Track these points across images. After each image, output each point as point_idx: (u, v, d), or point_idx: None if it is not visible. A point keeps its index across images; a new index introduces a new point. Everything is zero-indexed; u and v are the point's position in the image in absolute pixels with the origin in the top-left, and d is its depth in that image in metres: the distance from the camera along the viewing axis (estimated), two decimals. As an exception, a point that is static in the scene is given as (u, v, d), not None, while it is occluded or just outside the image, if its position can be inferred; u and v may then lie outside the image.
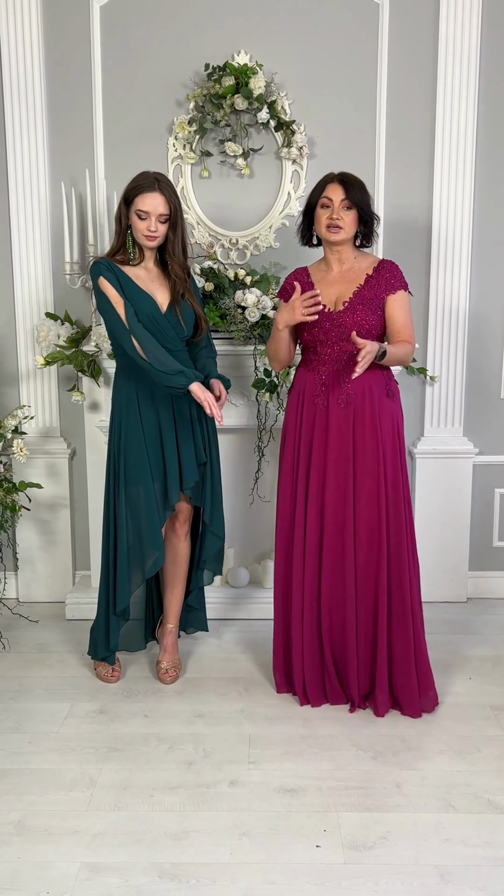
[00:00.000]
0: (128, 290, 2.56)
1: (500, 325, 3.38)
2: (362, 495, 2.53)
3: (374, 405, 2.52)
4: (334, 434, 2.53)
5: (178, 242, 2.60)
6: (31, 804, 2.18)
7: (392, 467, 2.54)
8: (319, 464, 2.56)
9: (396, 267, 2.57)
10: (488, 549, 3.52)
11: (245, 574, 3.36)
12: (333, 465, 2.54)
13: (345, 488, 2.54)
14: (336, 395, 2.53)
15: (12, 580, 3.49)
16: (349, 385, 2.52)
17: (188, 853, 1.99)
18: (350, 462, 2.53)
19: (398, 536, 2.55)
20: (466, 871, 1.93)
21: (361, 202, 2.49)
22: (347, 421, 2.52)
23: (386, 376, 2.58)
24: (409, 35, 3.15)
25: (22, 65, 3.16)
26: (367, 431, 2.52)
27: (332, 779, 2.28)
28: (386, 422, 2.54)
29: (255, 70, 3.08)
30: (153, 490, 2.62)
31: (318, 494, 2.57)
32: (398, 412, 2.60)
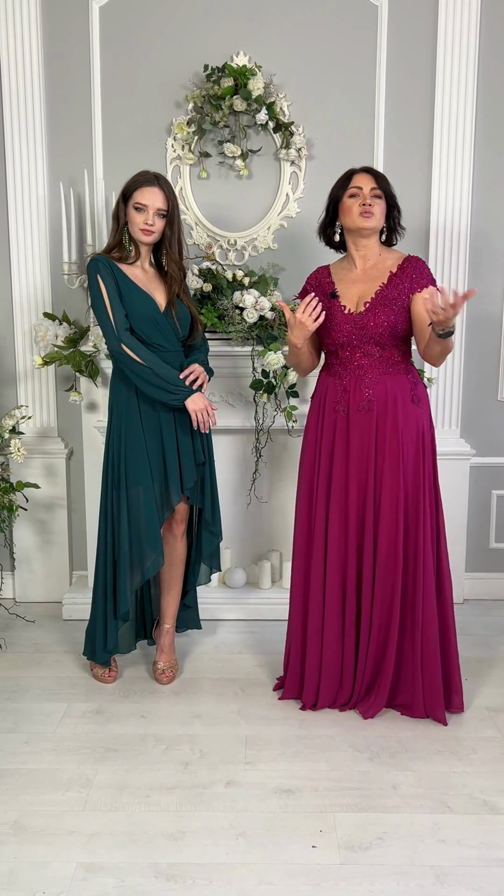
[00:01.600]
0: (126, 289, 2.56)
1: (497, 326, 3.38)
2: (383, 504, 2.46)
3: (398, 412, 2.44)
4: (355, 441, 2.47)
5: (174, 240, 2.60)
6: (28, 804, 2.17)
7: (414, 476, 2.46)
8: (341, 472, 2.50)
9: (423, 263, 2.48)
10: (485, 550, 3.53)
11: (242, 575, 3.36)
12: (355, 473, 2.48)
13: (365, 497, 2.48)
14: (357, 401, 2.46)
15: (9, 580, 3.49)
16: (370, 391, 2.45)
17: (185, 853, 1.99)
18: (372, 470, 2.47)
19: (415, 547, 2.48)
20: (462, 871, 1.94)
21: (390, 192, 2.48)
22: (369, 428, 2.45)
23: (412, 381, 2.49)
24: (408, 37, 3.16)
25: (21, 65, 3.16)
26: (389, 439, 2.44)
27: (328, 779, 2.28)
28: (410, 429, 2.45)
29: (254, 71, 3.09)
30: (153, 491, 2.62)
31: (341, 503, 2.50)
32: (424, 419, 2.50)
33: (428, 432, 2.53)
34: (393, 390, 2.46)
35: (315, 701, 2.61)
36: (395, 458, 2.45)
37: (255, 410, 3.19)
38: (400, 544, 2.48)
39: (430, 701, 2.54)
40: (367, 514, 2.49)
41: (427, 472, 2.51)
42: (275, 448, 3.30)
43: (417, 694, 2.54)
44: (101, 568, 2.72)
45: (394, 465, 2.45)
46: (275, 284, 3.17)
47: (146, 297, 2.57)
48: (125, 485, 2.63)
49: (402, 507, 2.47)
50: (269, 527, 3.41)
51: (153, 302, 2.58)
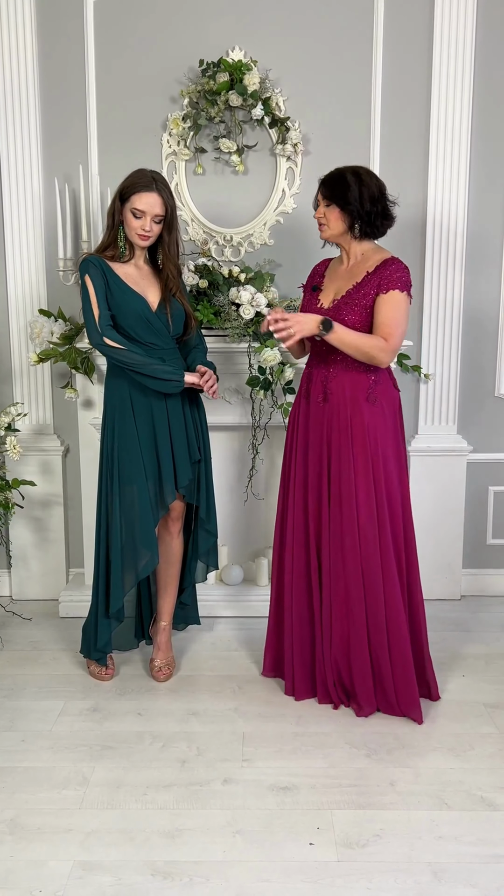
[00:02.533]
0: (117, 289, 2.55)
1: (494, 323, 3.38)
2: (332, 497, 2.52)
3: (348, 408, 2.49)
4: (313, 431, 2.55)
5: (172, 242, 2.59)
6: (24, 803, 2.17)
7: (364, 473, 2.48)
8: (301, 461, 2.59)
9: (398, 267, 2.46)
10: (482, 546, 3.53)
11: (239, 572, 3.36)
12: (311, 463, 2.56)
13: (319, 488, 2.55)
14: (316, 392, 2.54)
15: (6, 578, 3.48)
16: (327, 383, 2.52)
17: (181, 851, 1.99)
18: (325, 461, 2.53)
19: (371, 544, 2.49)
20: (459, 868, 1.94)
21: (336, 197, 2.45)
22: (324, 419, 2.52)
23: (372, 381, 2.50)
24: (404, 31, 3.15)
25: (15, 60, 3.14)
26: (341, 433, 2.49)
27: (325, 776, 2.28)
28: (359, 426, 2.48)
29: (250, 66, 3.08)
30: (147, 489, 2.61)
31: (301, 490, 2.59)
32: (376, 418, 2.49)
33: (382, 432, 2.50)
34: (350, 387, 2.50)
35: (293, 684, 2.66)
36: (343, 453, 2.49)
37: (251, 407, 3.18)
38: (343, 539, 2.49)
39: (404, 700, 2.54)
40: (322, 506, 2.55)
41: (378, 469, 2.49)
42: (271, 445, 3.29)
43: (390, 693, 2.54)
44: (97, 567, 2.71)
45: (341, 459, 2.50)
46: (271, 280, 3.17)
47: (137, 296, 2.56)
48: (118, 483, 2.62)
49: (349, 501, 2.48)
50: (266, 524, 3.41)
51: (144, 301, 2.57)
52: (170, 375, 2.53)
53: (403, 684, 2.52)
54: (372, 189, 2.45)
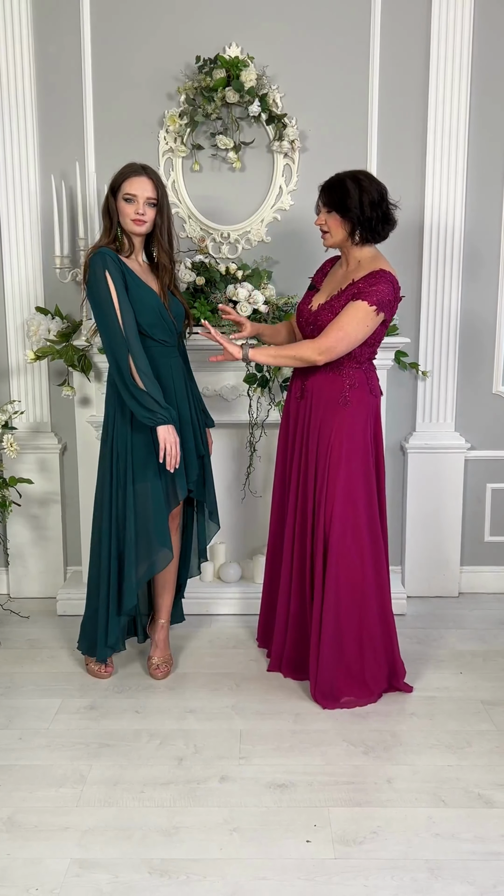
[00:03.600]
0: (133, 284, 2.51)
1: (491, 319, 3.37)
2: (301, 491, 2.63)
3: (322, 408, 2.57)
4: (293, 427, 2.67)
5: (164, 229, 2.58)
6: (22, 800, 2.17)
7: (332, 473, 2.53)
8: (286, 453, 2.72)
9: (380, 280, 2.43)
10: (480, 544, 3.53)
11: (237, 569, 3.36)
12: (296, 455, 2.66)
13: (298, 481, 2.65)
14: (295, 390, 2.65)
15: (3, 576, 3.48)
16: (305, 382, 2.61)
17: (179, 849, 1.99)
18: (304, 455, 2.62)
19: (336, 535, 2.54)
20: (456, 865, 1.94)
21: (336, 203, 2.46)
22: (303, 415, 2.62)
23: (348, 384, 2.53)
24: (402, 28, 3.14)
25: (12, 57, 3.13)
26: (313, 431, 2.59)
27: (322, 774, 2.28)
28: (330, 428, 2.54)
29: (247, 63, 3.07)
30: (160, 486, 2.60)
31: (281, 484, 2.74)
32: (349, 420, 2.52)
33: (349, 434, 2.53)
34: (326, 387, 2.57)
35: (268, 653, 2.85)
36: (314, 449, 2.59)
37: (248, 405, 3.18)
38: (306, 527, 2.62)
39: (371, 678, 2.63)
40: (302, 495, 2.64)
41: (345, 468, 2.54)
42: (269, 442, 3.29)
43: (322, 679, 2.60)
44: (106, 564, 2.65)
45: (312, 455, 2.59)
46: (268, 278, 3.16)
47: (150, 290, 2.55)
48: (132, 480, 2.58)
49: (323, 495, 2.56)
50: (264, 521, 3.40)
51: (156, 295, 2.56)
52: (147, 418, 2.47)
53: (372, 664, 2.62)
54: (372, 194, 2.45)
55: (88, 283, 2.51)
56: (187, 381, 2.71)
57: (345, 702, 2.61)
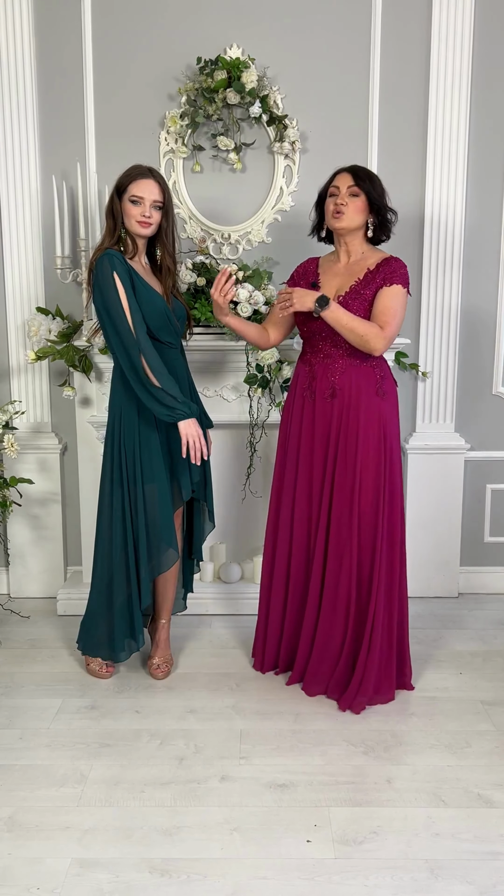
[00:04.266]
0: (140, 285, 2.51)
1: (491, 321, 3.38)
2: (337, 492, 2.53)
3: (361, 403, 2.50)
4: (319, 428, 2.56)
5: (170, 231, 2.59)
6: (22, 800, 2.17)
7: (374, 468, 2.51)
8: (306, 456, 2.60)
9: (401, 265, 2.50)
10: (479, 544, 3.53)
11: (237, 570, 3.36)
12: (318, 460, 2.57)
13: (324, 482, 2.57)
14: (323, 389, 2.54)
15: (3, 576, 3.49)
16: (335, 379, 2.52)
17: (179, 848, 1.99)
18: (332, 456, 2.54)
19: (372, 538, 2.52)
20: (456, 865, 1.94)
21: (371, 190, 2.47)
22: (332, 415, 2.53)
23: (378, 375, 2.53)
24: (402, 29, 3.15)
25: (13, 57, 3.14)
26: (350, 428, 2.50)
27: (322, 774, 2.28)
28: (372, 421, 2.50)
29: (248, 64, 3.07)
30: (167, 487, 2.60)
31: (304, 487, 2.61)
32: (388, 412, 2.54)
33: (391, 426, 2.55)
34: (358, 381, 2.51)
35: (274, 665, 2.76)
36: (353, 448, 2.51)
37: (249, 405, 3.18)
38: (351, 534, 2.51)
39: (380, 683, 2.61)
40: (324, 499, 2.57)
41: (388, 464, 2.53)
42: (269, 443, 3.29)
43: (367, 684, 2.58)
44: (119, 562, 2.64)
45: (351, 455, 2.51)
46: (269, 278, 3.16)
47: (154, 292, 2.55)
48: (141, 481, 2.58)
49: (358, 495, 2.50)
50: (264, 522, 3.41)
51: (161, 297, 2.56)
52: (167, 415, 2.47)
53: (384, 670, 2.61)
54: (385, 192, 2.53)
55: (96, 284, 2.49)
56: (189, 380, 2.73)
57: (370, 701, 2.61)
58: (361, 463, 2.50)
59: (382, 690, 2.62)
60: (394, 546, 2.59)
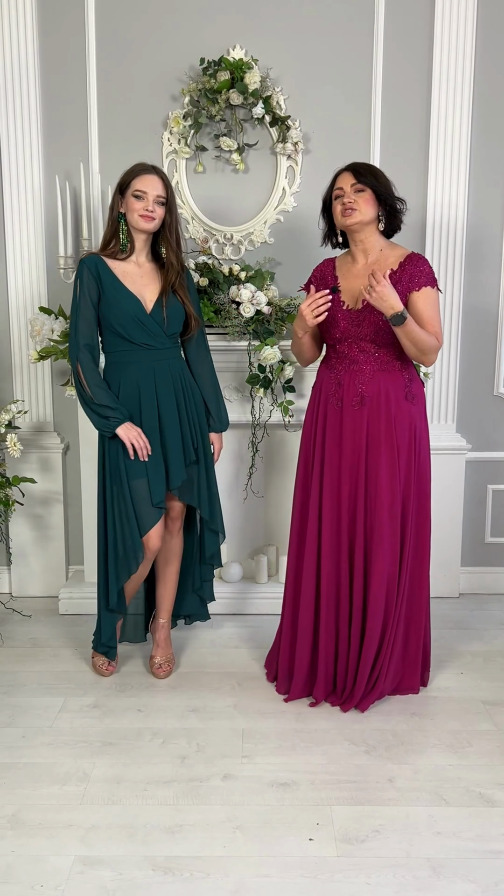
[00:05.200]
0: (112, 290, 2.55)
1: (493, 322, 3.39)
2: (376, 499, 2.47)
3: (391, 408, 2.45)
4: (347, 435, 2.49)
5: (173, 227, 2.59)
6: (25, 798, 2.18)
7: (406, 472, 2.48)
8: (333, 466, 2.52)
9: (424, 262, 2.45)
10: (481, 544, 3.54)
11: (238, 569, 3.37)
12: (347, 467, 2.50)
13: (356, 490, 2.50)
14: (350, 396, 2.48)
15: (5, 575, 3.49)
16: (363, 387, 2.47)
17: (182, 847, 2.00)
18: (363, 465, 2.48)
19: (403, 542, 2.51)
20: (458, 863, 1.95)
21: (374, 183, 2.45)
22: (361, 423, 2.47)
23: (406, 378, 2.49)
24: (405, 30, 3.16)
25: (16, 58, 3.15)
26: (382, 435, 2.45)
27: (324, 773, 2.29)
28: (403, 426, 2.46)
29: (251, 65, 3.08)
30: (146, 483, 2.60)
31: (333, 497, 2.52)
32: (418, 416, 2.51)
33: (421, 430, 2.54)
34: (386, 387, 2.47)
35: (308, 692, 2.65)
36: (388, 454, 2.46)
37: (251, 405, 3.19)
38: (395, 542, 2.49)
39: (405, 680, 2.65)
40: (357, 508, 2.51)
41: (418, 468, 2.53)
42: (271, 443, 3.30)
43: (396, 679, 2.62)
44: (98, 562, 2.71)
45: (386, 461, 2.46)
46: (271, 279, 3.17)
47: (131, 297, 2.56)
48: (127, 478, 2.60)
49: (394, 502, 2.47)
50: (266, 521, 3.42)
51: (138, 301, 2.57)
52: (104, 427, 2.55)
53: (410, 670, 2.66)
54: (389, 182, 2.51)
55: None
56: (182, 383, 2.66)
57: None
58: (395, 470, 2.45)
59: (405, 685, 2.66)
60: (423, 551, 2.58)
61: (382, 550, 2.48)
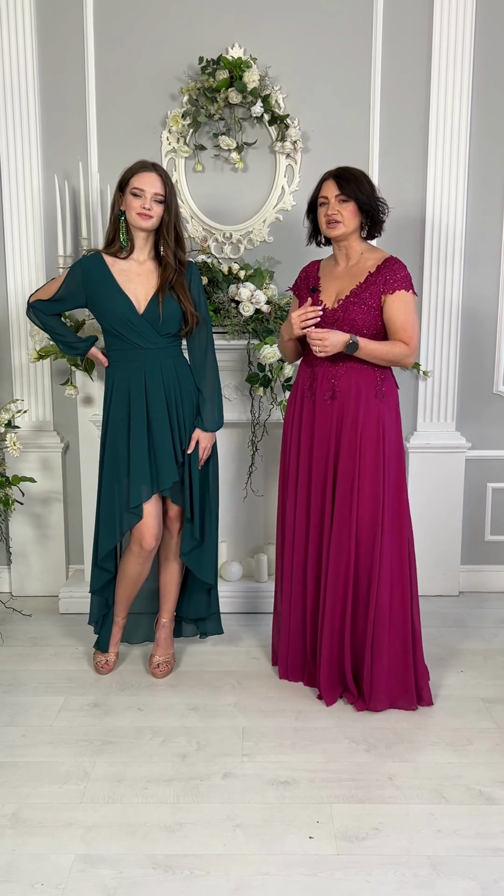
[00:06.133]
0: (104, 290, 2.57)
1: (492, 320, 3.39)
2: (338, 493, 2.53)
3: (360, 405, 2.51)
4: (319, 429, 2.56)
5: (171, 226, 2.58)
6: (26, 797, 2.18)
7: (373, 469, 2.51)
8: (306, 458, 2.60)
9: (400, 266, 2.51)
10: (480, 543, 3.54)
11: (238, 568, 3.37)
12: (317, 459, 2.57)
13: (324, 484, 2.57)
14: (322, 390, 2.55)
15: (5, 574, 3.49)
16: (335, 381, 2.53)
17: (182, 845, 2.00)
18: (332, 458, 2.55)
19: (371, 539, 2.52)
20: (458, 861, 1.95)
21: (357, 194, 2.48)
22: (332, 417, 2.53)
23: (378, 377, 2.53)
24: (403, 29, 3.16)
25: (15, 57, 3.15)
26: (349, 430, 2.51)
27: (324, 771, 2.29)
28: (370, 423, 2.51)
29: (250, 64, 3.08)
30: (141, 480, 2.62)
31: (304, 489, 2.62)
32: (388, 414, 2.54)
33: (390, 428, 2.55)
34: (357, 383, 2.52)
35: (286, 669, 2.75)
36: (352, 449, 2.51)
37: (251, 404, 3.19)
38: (350, 535, 2.51)
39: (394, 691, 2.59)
40: (326, 500, 2.57)
41: (387, 466, 2.53)
42: (271, 441, 3.30)
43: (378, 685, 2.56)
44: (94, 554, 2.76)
45: (349, 457, 2.52)
46: (270, 278, 3.17)
47: (122, 297, 2.57)
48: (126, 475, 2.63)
49: (357, 497, 2.50)
50: (265, 520, 3.42)
51: (129, 302, 2.57)
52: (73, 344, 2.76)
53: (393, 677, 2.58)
54: (373, 188, 2.54)
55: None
56: (176, 383, 2.64)
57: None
58: (361, 464, 2.50)
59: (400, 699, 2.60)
60: (402, 546, 2.58)
61: (344, 543, 2.53)
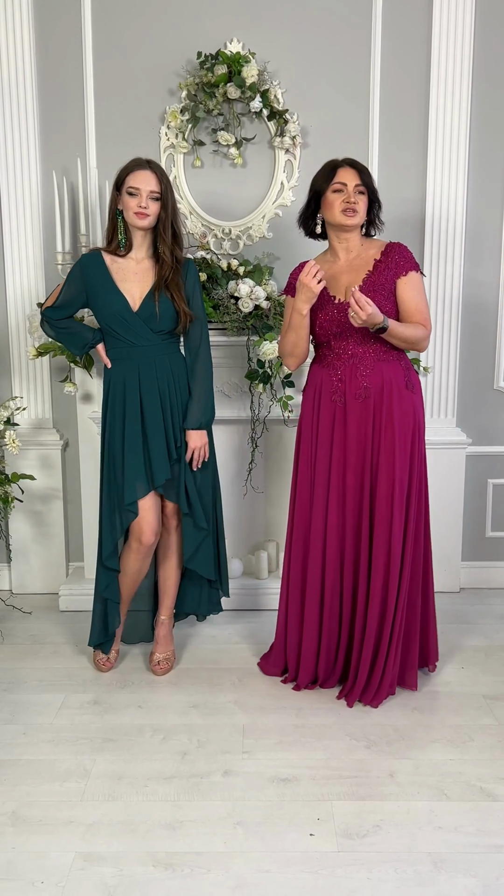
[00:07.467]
0: (101, 288, 2.58)
1: (493, 316, 3.38)
2: (379, 490, 2.49)
3: (394, 398, 2.48)
4: (353, 429, 2.51)
5: (167, 224, 2.57)
6: (26, 795, 2.18)
7: (409, 462, 2.51)
8: (339, 460, 2.54)
9: (405, 248, 2.52)
10: (481, 539, 3.54)
11: (238, 565, 3.36)
12: (353, 461, 2.52)
13: (363, 483, 2.52)
14: (354, 390, 2.50)
15: (5, 572, 3.49)
16: (366, 379, 2.49)
17: (182, 843, 2.00)
18: (369, 457, 2.51)
19: (406, 532, 2.53)
20: (459, 858, 1.95)
21: (372, 186, 2.50)
22: (366, 416, 2.49)
23: (404, 367, 2.53)
24: (403, 25, 3.14)
25: (13, 53, 3.13)
26: (385, 426, 2.48)
27: (325, 768, 2.29)
28: (406, 416, 2.50)
29: (248, 59, 3.07)
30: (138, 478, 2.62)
31: (339, 490, 2.55)
32: (419, 404, 2.56)
33: (421, 420, 2.58)
34: (388, 377, 2.50)
35: (314, 679, 2.69)
36: (392, 445, 2.49)
37: (250, 401, 3.18)
38: (396, 531, 2.50)
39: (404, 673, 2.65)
40: (364, 500, 2.54)
41: (418, 457, 2.55)
42: (270, 438, 3.29)
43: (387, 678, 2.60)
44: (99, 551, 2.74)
45: (390, 452, 2.49)
46: (270, 274, 3.16)
47: (118, 295, 2.57)
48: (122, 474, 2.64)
49: (398, 492, 2.50)
50: (266, 517, 3.42)
51: (124, 300, 2.57)
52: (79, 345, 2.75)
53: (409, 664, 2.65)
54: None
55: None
56: (170, 381, 2.64)
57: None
58: (399, 459, 2.48)
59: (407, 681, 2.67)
60: (423, 539, 2.60)
61: (385, 544, 2.50)
